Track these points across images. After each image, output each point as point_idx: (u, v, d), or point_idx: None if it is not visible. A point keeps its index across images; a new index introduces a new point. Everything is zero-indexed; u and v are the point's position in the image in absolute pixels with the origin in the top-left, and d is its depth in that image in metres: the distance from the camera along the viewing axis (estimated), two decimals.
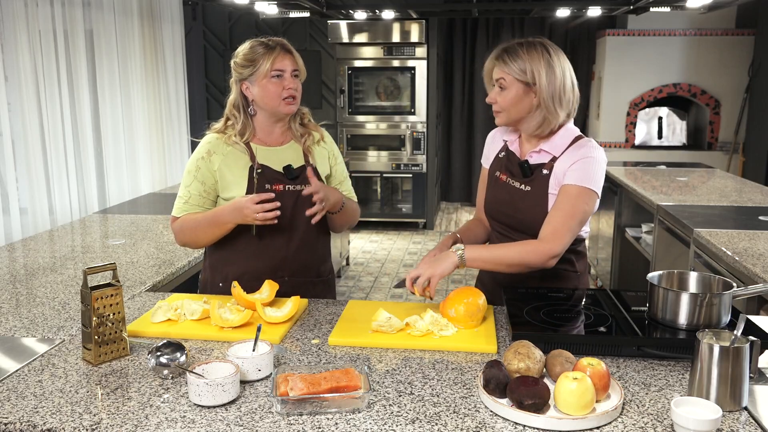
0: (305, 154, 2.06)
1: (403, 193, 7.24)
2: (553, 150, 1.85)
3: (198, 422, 1.24)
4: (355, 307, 1.88)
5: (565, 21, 7.39)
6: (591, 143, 1.84)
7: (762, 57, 6.31)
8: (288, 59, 1.96)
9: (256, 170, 1.98)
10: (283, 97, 1.96)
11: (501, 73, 1.81)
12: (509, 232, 1.94)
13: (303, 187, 1.98)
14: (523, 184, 1.89)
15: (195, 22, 7.43)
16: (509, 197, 1.91)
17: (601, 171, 1.82)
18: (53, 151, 4.16)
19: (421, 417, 1.26)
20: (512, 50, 1.79)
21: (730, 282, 1.61)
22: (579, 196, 1.78)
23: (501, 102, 1.83)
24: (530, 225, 1.85)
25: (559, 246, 1.75)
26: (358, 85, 6.98)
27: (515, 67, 1.77)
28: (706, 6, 5.07)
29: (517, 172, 1.91)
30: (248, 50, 1.96)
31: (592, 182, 1.79)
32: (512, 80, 1.79)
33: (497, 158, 2.01)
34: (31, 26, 3.95)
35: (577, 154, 1.82)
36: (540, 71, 1.76)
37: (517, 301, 1.77)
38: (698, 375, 1.29)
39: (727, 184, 4.31)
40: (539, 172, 1.86)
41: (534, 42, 1.80)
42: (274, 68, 1.93)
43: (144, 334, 1.68)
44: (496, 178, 1.97)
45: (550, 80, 1.77)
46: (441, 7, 6.46)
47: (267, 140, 2.05)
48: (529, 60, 1.77)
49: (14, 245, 2.69)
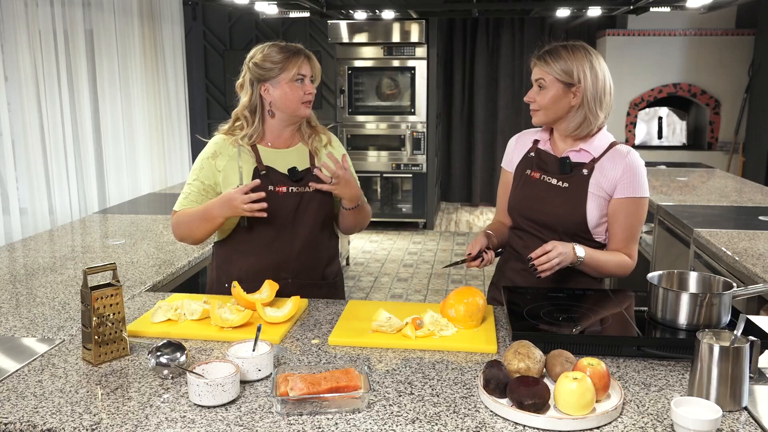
0: (312, 156, 2.07)
1: (403, 193, 7.24)
2: (594, 151, 1.89)
3: (198, 422, 1.24)
4: (355, 307, 1.88)
5: (565, 21, 7.39)
6: (632, 151, 1.91)
7: (762, 57, 6.31)
8: (309, 65, 2.01)
9: (260, 172, 1.98)
10: (303, 101, 1.99)
11: (541, 73, 1.86)
12: (539, 230, 1.94)
13: (307, 189, 1.99)
14: (560, 180, 1.91)
15: (195, 22, 7.42)
16: (544, 194, 1.93)
17: (646, 176, 1.91)
18: (53, 151, 4.16)
19: (421, 417, 1.26)
20: (554, 52, 1.85)
21: (730, 282, 1.61)
22: (638, 209, 1.88)
23: (540, 101, 1.87)
24: (563, 222, 1.90)
25: (635, 260, 1.91)
26: (358, 85, 6.98)
27: (557, 68, 1.83)
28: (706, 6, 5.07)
29: (553, 169, 1.93)
30: (272, 53, 1.98)
31: (644, 190, 1.88)
32: (552, 80, 1.84)
33: (526, 158, 2.02)
34: (31, 26, 3.95)
35: (622, 163, 1.87)
36: (585, 71, 1.82)
37: (517, 301, 1.78)
38: (698, 375, 1.29)
39: (727, 184, 4.31)
40: (579, 171, 1.89)
41: (576, 45, 1.87)
42: (300, 73, 1.97)
43: (144, 334, 1.68)
44: (527, 176, 1.98)
45: (593, 81, 1.83)
46: (441, 7, 6.45)
47: (275, 143, 2.05)
48: (573, 61, 1.82)
49: (14, 245, 2.69)
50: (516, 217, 2.02)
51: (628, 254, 1.89)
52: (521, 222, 2.00)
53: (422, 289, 5.21)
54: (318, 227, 2.04)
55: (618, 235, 1.89)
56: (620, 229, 1.88)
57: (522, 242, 1.99)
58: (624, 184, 1.86)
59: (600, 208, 1.87)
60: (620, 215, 1.87)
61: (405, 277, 5.50)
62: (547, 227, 1.92)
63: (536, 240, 1.93)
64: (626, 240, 1.89)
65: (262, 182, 1.96)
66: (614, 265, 1.87)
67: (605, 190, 1.87)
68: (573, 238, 1.88)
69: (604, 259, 1.86)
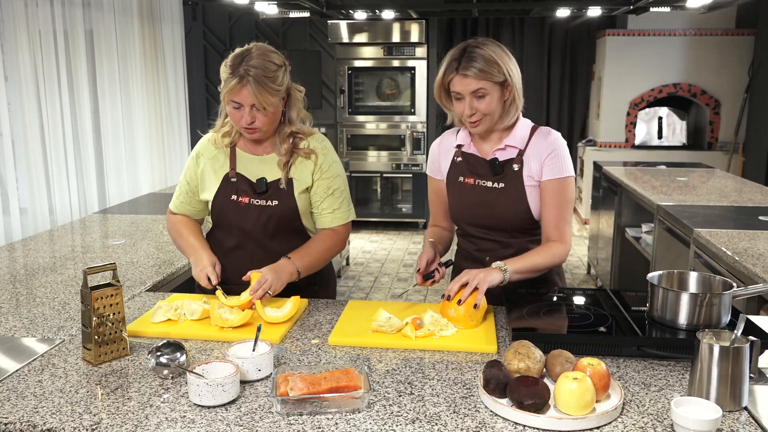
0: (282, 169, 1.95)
1: (403, 193, 7.24)
2: (518, 143, 1.89)
3: (198, 422, 1.24)
4: (355, 307, 1.88)
5: (565, 21, 7.39)
6: (552, 132, 1.91)
7: (762, 57, 6.30)
8: (245, 93, 1.79)
9: (230, 179, 1.96)
10: (243, 126, 1.87)
11: (477, 83, 1.78)
12: (486, 233, 1.95)
13: (269, 203, 1.93)
14: (495, 182, 1.90)
15: (195, 22, 7.42)
16: (483, 199, 1.92)
17: (569, 155, 1.91)
18: (53, 151, 4.16)
19: (421, 417, 1.26)
20: (477, 57, 1.77)
21: (730, 282, 1.61)
22: (564, 188, 1.88)
23: (484, 109, 1.82)
24: (509, 221, 1.90)
25: (570, 242, 1.90)
26: (358, 85, 6.98)
27: (494, 71, 1.78)
28: (706, 6, 5.07)
29: (484, 173, 1.92)
30: (224, 65, 1.85)
31: (569, 169, 1.88)
32: (492, 85, 1.80)
33: (455, 164, 1.98)
34: (31, 26, 3.94)
35: (545, 145, 1.88)
36: (510, 67, 1.82)
37: (517, 301, 1.77)
38: (698, 375, 1.29)
39: (727, 184, 4.31)
40: (510, 168, 1.89)
41: (486, 42, 1.81)
42: (232, 100, 1.83)
43: (144, 334, 1.68)
44: (461, 183, 1.96)
45: (516, 71, 1.84)
46: (441, 7, 6.45)
47: (249, 148, 1.99)
48: (499, 59, 1.79)
49: (14, 245, 2.69)
50: (463, 225, 2.02)
51: (560, 237, 1.87)
52: (469, 229, 1.99)
53: (422, 289, 5.21)
54: (285, 239, 1.97)
55: (548, 218, 1.88)
56: (550, 211, 1.87)
57: (474, 245, 2.01)
58: (548, 165, 1.86)
59: (539, 197, 1.89)
60: (548, 197, 1.87)
61: (405, 277, 5.50)
62: (495, 229, 1.93)
63: (488, 242, 1.96)
64: (557, 220, 1.87)
65: (228, 190, 1.95)
66: (547, 260, 1.85)
67: (535, 178, 1.87)
68: (523, 233, 1.90)
69: (532, 261, 1.83)
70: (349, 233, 2.07)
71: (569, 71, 7.78)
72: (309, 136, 1.98)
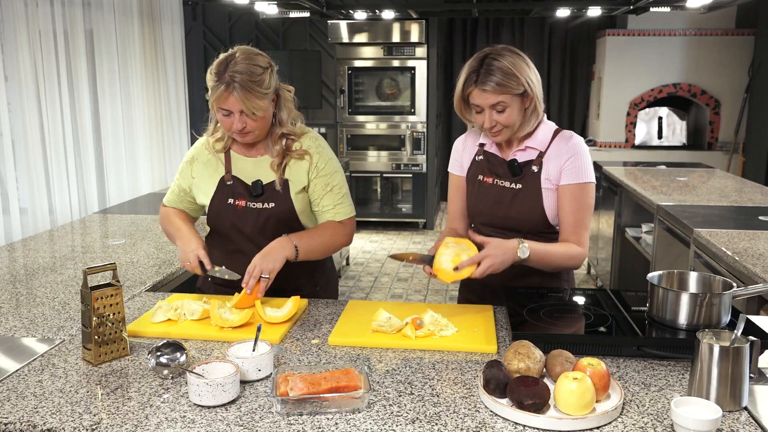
0: (279, 169, 1.94)
1: (403, 193, 7.24)
2: (539, 146, 1.89)
3: (198, 422, 1.24)
4: (355, 307, 1.88)
5: (565, 21, 7.39)
6: (574, 136, 1.90)
7: (762, 57, 6.30)
8: (232, 100, 1.77)
9: (226, 183, 1.96)
10: (233, 131, 1.87)
11: (496, 97, 1.76)
12: (502, 232, 1.94)
13: (266, 206, 1.93)
14: (513, 183, 1.90)
15: (195, 22, 7.42)
16: (499, 198, 1.92)
17: (590, 161, 1.90)
18: (53, 151, 4.16)
19: (421, 417, 1.26)
20: (495, 71, 1.75)
21: (730, 282, 1.61)
22: (583, 194, 1.86)
23: (505, 121, 1.81)
24: (524, 223, 1.89)
25: (587, 248, 1.90)
26: (358, 85, 6.98)
27: (512, 84, 1.76)
28: (706, 6, 5.07)
29: (503, 173, 1.92)
30: (209, 72, 1.82)
31: (590, 175, 1.87)
32: (511, 98, 1.78)
33: (476, 162, 1.99)
34: (31, 26, 3.94)
35: (565, 149, 1.86)
36: (530, 76, 1.79)
37: (517, 301, 1.78)
38: (698, 375, 1.29)
39: (727, 184, 4.31)
40: (528, 170, 1.89)
41: (503, 53, 1.78)
42: (220, 107, 1.81)
43: (144, 334, 1.68)
44: (480, 182, 1.96)
45: (536, 80, 1.82)
46: (441, 7, 6.45)
47: (243, 151, 1.98)
48: (517, 71, 1.76)
49: (14, 245, 2.69)
50: (478, 224, 2.02)
51: (578, 242, 1.87)
52: (484, 229, 1.99)
53: (422, 289, 5.21)
54: None
55: (567, 223, 1.87)
56: (568, 215, 1.87)
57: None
58: (568, 170, 1.85)
59: (556, 201, 1.88)
60: (566, 202, 1.86)
61: (405, 277, 5.50)
62: (510, 230, 1.92)
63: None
64: (575, 226, 1.87)
65: (224, 194, 1.95)
66: (563, 256, 1.86)
67: (553, 181, 1.87)
68: (538, 236, 1.88)
69: (552, 252, 1.84)
70: (353, 230, 2.06)
71: (569, 71, 7.79)
72: (301, 136, 1.97)
